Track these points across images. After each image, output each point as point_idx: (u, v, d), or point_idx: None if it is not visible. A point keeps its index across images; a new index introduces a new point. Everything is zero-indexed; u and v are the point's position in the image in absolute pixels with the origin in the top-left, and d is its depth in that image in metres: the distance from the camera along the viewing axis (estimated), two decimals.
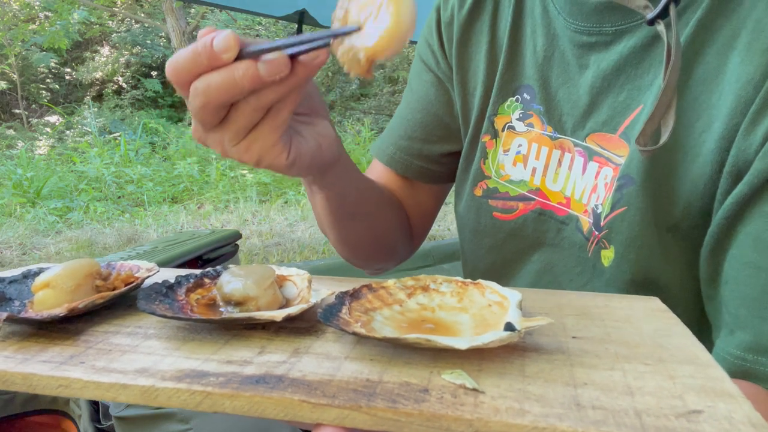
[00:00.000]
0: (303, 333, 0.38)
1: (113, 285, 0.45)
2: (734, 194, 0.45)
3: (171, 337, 0.38)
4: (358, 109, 9.22)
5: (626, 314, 0.41)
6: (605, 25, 0.54)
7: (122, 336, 0.39)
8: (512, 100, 0.63)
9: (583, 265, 0.57)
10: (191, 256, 1.83)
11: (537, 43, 0.60)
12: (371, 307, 0.41)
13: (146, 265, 0.50)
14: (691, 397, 0.29)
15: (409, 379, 0.31)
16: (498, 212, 0.64)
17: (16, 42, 8.67)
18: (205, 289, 0.46)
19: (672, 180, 0.50)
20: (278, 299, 0.42)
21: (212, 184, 5.22)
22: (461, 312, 0.40)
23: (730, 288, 0.47)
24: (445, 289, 0.43)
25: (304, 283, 0.45)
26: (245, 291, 0.40)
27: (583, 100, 0.56)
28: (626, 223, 0.52)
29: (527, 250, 0.63)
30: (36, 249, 3.47)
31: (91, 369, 0.34)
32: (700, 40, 0.49)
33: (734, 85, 0.46)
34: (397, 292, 0.43)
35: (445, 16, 0.68)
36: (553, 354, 0.34)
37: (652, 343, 0.36)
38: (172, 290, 0.44)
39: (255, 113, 0.37)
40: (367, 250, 0.72)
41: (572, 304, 0.44)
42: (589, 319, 0.40)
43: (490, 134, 0.65)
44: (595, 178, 0.56)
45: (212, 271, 0.48)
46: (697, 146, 0.48)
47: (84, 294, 0.43)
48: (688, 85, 0.49)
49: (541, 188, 0.61)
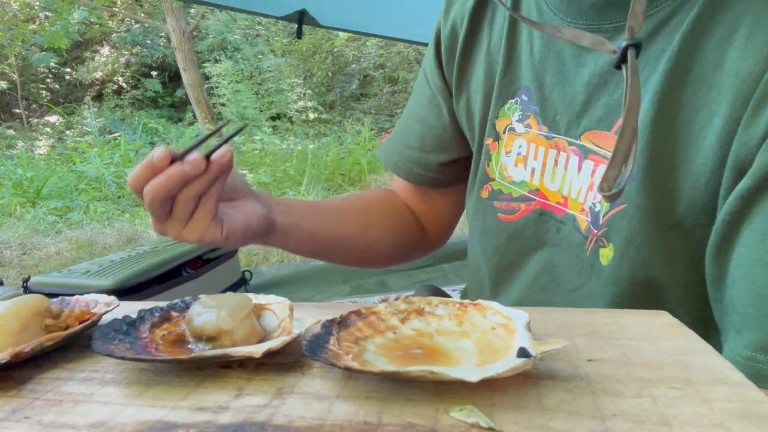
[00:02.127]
0: (286, 369, 0.34)
1: (65, 323, 0.40)
2: (738, 190, 0.44)
3: (132, 381, 0.33)
4: (358, 109, 9.17)
5: (639, 331, 0.38)
6: (604, 23, 0.53)
7: (75, 383, 0.34)
8: (512, 102, 0.63)
9: (581, 264, 0.56)
10: (191, 256, 1.83)
11: (534, 45, 0.60)
12: (362, 335, 0.36)
13: (104, 299, 0.45)
14: (734, 424, 0.26)
15: (414, 420, 0.27)
16: (502, 213, 0.65)
17: (16, 42, 8.52)
18: (173, 324, 0.41)
19: (673, 177, 0.48)
20: (256, 332, 0.38)
21: None
22: (462, 337, 0.36)
23: (737, 287, 0.45)
24: (442, 312, 0.39)
25: (284, 311, 0.40)
26: (218, 324, 0.36)
27: (579, 98, 0.56)
28: (626, 220, 0.50)
29: (529, 251, 0.63)
30: (36, 249, 3.39)
31: (38, 425, 0.29)
32: (697, 37, 0.48)
33: (734, 80, 0.45)
34: (389, 317, 0.39)
35: (445, 30, 0.69)
36: (571, 381, 0.30)
37: (674, 362, 0.32)
38: (134, 327, 0.39)
39: (189, 202, 0.47)
40: (362, 264, 0.78)
41: (578, 322, 0.40)
42: (601, 338, 0.37)
43: (492, 137, 0.65)
44: (591, 177, 0.55)
45: (180, 303, 0.43)
46: (698, 142, 0.47)
47: (31, 336, 0.38)
48: (686, 82, 0.48)
49: (540, 188, 0.61)
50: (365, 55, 9.06)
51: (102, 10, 8.89)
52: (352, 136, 7.10)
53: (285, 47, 9.38)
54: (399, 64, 9.01)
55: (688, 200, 0.48)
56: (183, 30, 7.22)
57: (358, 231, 0.74)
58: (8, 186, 4.83)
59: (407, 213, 0.80)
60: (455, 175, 0.74)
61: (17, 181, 4.89)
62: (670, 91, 0.48)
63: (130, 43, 9.96)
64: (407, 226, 0.80)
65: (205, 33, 9.62)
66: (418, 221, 0.80)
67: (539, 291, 0.61)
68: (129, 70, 10.03)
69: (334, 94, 9.17)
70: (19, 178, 4.92)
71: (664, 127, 0.48)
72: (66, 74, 10.00)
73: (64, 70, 9.98)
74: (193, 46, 7.69)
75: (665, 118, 0.48)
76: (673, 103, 0.48)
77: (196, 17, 8.42)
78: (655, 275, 0.50)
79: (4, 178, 5.09)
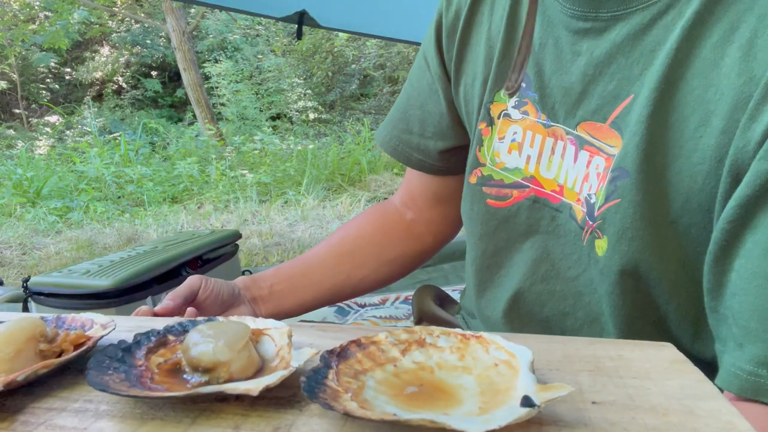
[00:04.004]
0: (284, 405, 0.33)
1: (60, 348, 0.39)
2: (737, 197, 0.43)
3: (127, 415, 0.32)
4: (358, 109, 9.16)
5: (643, 368, 0.37)
6: (601, 11, 0.53)
7: (69, 415, 0.33)
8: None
9: (579, 252, 0.56)
10: (191, 256, 1.81)
11: (533, 31, 0.59)
12: (361, 369, 0.36)
13: (101, 320, 0.44)
14: None
15: None
16: (492, 199, 0.64)
17: (16, 42, 8.51)
18: (169, 350, 0.40)
19: (668, 174, 0.48)
20: (254, 361, 0.37)
21: (212, 184, 5.13)
22: (464, 372, 0.35)
23: (738, 300, 0.44)
24: (444, 344, 0.38)
25: (283, 339, 0.39)
26: (215, 356, 0.35)
27: (576, 88, 0.56)
28: (619, 215, 0.50)
29: (519, 238, 0.63)
30: (36, 249, 3.38)
31: None
32: (696, 33, 0.47)
33: (735, 81, 0.44)
34: (390, 348, 0.38)
35: (448, 14, 0.69)
36: (575, 428, 0.29)
37: (680, 408, 0.32)
38: (130, 353, 0.38)
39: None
40: (351, 298, 0.85)
41: (582, 354, 0.40)
42: (606, 375, 0.36)
43: (486, 122, 0.65)
44: (587, 167, 0.55)
45: (177, 326, 0.42)
46: (693, 140, 0.47)
47: (25, 361, 0.37)
48: (684, 78, 0.47)
49: (535, 176, 0.60)
50: (365, 55, 9.04)
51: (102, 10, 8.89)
52: (352, 136, 7.09)
53: (285, 47, 9.36)
54: (399, 64, 9.00)
55: (684, 199, 0.48)
56: (183, 30, 7.20)
57: (343, 277, 0.79)
58: (8, 186, 4.83)
59: (398, 232, 0.81)
60: (455, 163, 0.74)
61: (17, 181, 4.89)
62: (667, 88, 0.48)
63: (130, 43, 9.96)
64: (398, 247, 0.81)
65: (205, 33, 9.60)
66: (412, 236, 0.81)
67: (540, 281, 0.61)
68: (129, 70, 10.03)
69: (334, 94, 9.16)
70: (19, 178, 4.92)
71: (659, 123, 0.48)
72: (66, 74, 9.99)
73: (64, 70, 9.97)
74: (193, 46, 7.67)
75: (661, 115, 0.48)
76: (670, 100, 0.48)
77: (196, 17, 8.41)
78: (645, 269, 0.50)
79: (4, 178, 5.09)
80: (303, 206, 4.40)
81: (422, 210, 0.83)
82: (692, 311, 0.51)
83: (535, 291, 0.61)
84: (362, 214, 0.86)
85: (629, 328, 0.54)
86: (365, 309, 2.15)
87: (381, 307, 2.16)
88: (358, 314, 2.11)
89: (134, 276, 1.58)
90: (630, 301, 0.53)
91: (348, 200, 4.51)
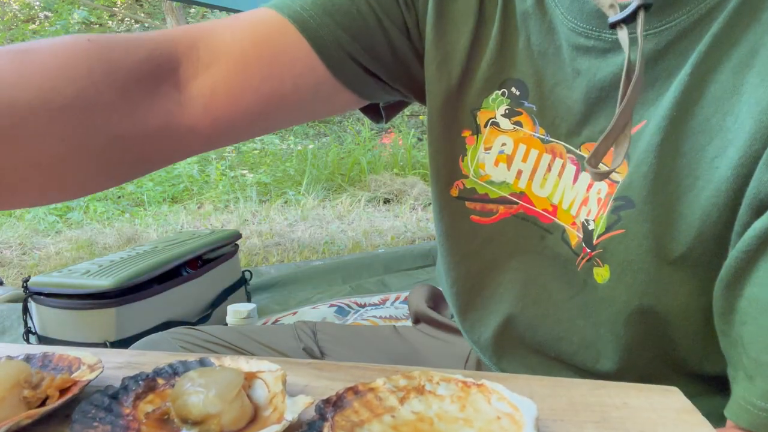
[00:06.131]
0: None
1: (45, 394, 0.38)
2: (755, 228, 0.41)
3: None
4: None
5: (649, 418, 0.36)
6: (605, 32, 0.50)
7: None
8: (498, 94, 0.57)
9: (571, 276, 0.54)
10: (191, 256, 1.81)
11: (530, 34, 0.55)
12: (358, 420, 0.34)
13: (89, 360, 0.42)
14: None
15: None
16: (476, 215, 0.59)
17: (16, 42, 8.45)
18: (158, 395, 0.38)
19: (679, 207, 0.45)
20: (246, 411, 0.35)
21: (212, 184, 5.11)
22: (465, 425, 0.34)
23: (748, 330, 0.42)
24: (443, 392, 0.37)
25: (277, 385, 0.38)
26: (205, 408, 0.34)
27: (578, 107, 0.52)
28: (623, 246, 0.48)
29: (505, 257, 0.59)
30: (36, 249, 3.35)
31: None
32: (714, 57, 0.44)
33: (753, 109, 0.41)
34: (388, 396, 0.37)
35: None
36: None
37: None
38: (117, 400, 0.37)
39: None
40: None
41: (587, 402, 0.38)
42: (611, 428, 0.35)
43: (471, 129, 0.59)
44: (587, 191, 0.52)
45: (168, 368, 0.41)
46: (709, 172, 0.44)
47: (9, 409, 0.36)
48: (700, 105, 0.45)
49: (526, 192, 0.56)
50: None
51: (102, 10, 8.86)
52: (352, 136, 7.07)
53: None
54: None
55: (696, 233, 0.45)
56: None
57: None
58: None
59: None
60: (371, 95, 0.61)
61: None
62: (681, 114, 0.45)
63: None
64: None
65: None
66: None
67: (532, 304, 0.58)
68: None
69: None
70: None
71: (670, 152, 0.45)
72: None
73: None
74: None
75: (673, 143, 0.45)
76: (684, 127, 0.45)
77: (196, 17, 8.38)
78: (650, 302, 0.48)
79: None
80: (303, 206, 4.39)
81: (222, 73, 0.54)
82: (701, 333, 0.49)
83: (527, 315, 0.58)
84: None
85: (630, 353, 0.52)
86: (365, 309, 2.14)
87: (381, 307, 2.15)
88: (358, 314, 2.10)
89: (134, 276, 1.57)
90: (634, 329, 0.51)
91: (348, 200, 4.50)
